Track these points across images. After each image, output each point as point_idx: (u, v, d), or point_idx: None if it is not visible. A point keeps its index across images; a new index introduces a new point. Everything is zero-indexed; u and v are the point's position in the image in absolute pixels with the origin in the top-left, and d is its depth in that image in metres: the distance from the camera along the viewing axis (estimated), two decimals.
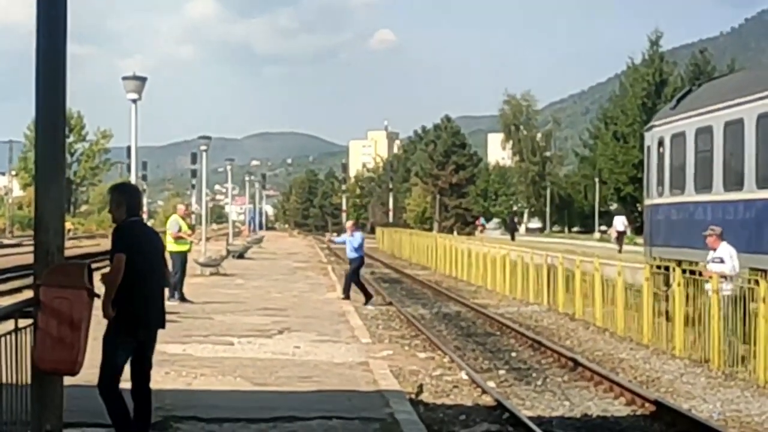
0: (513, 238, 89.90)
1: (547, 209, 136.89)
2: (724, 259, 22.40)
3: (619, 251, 60.21)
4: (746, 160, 24.85)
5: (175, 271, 31.08)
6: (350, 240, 36.69)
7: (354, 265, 35.76)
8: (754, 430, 16.18)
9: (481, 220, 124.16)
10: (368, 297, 35.12)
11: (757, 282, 20.44)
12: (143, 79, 30.17)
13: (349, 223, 39.89)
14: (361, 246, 36.27)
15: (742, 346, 21.34)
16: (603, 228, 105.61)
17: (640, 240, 55.96)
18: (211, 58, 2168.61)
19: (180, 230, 31.70)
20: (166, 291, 28.62)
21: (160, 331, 11.12)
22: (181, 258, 31.41)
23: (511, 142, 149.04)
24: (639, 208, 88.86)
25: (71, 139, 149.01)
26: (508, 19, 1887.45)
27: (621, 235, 71.56)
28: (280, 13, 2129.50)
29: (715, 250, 22.70)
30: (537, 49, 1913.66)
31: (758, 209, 24.14)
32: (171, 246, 31.80)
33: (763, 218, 23.86)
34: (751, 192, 24.59)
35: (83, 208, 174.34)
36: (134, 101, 29.54)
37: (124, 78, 30.04)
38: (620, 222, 74.22)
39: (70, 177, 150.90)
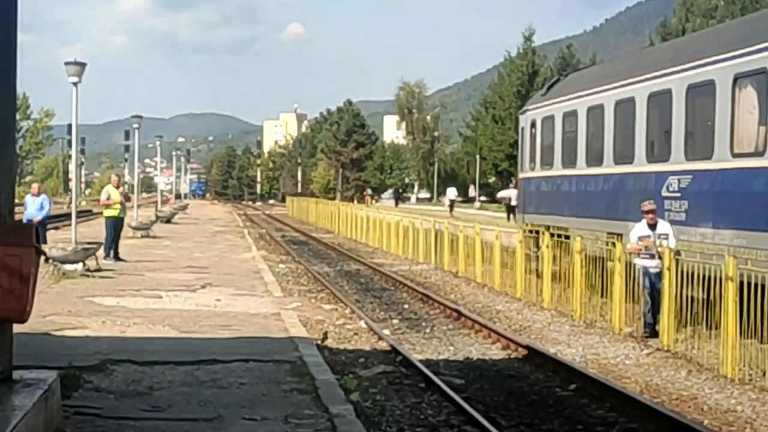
0: (396, 205, 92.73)
1: (435, 181, 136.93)
2: (669, 235, 19.22)
3: (450, 214, 66.45)
4: (605, 139, 25.15)
5: (108, 234, 30.96)
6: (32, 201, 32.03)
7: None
8: (610, 370, 16.45)
9: (368, 191, 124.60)
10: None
11: (614, 244, 20.74)
12: (83, 65, 29.79)
13: (34, 186, 34.33)
14: (43, 209, 31.34)
15: (600, 299, 21.67)
16: (483, 198, 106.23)
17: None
18: (142, 47, 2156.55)
19: (109, 198, 31.60)
20: (102, 251, 28.74)
21: (97, 285, 11.01)
22: (113, 222, 31.17)
23: (404, 123, 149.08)
24: (514, 181, 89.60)
25: (18, 117, 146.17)
26: (402, 16, 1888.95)
27: (452, 202, 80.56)
28: (203, 8, 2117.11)
29: (653, 225, 19.35)
30: (427, 43, 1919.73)
31: (615, 182, 24.46)
32: (104, 212, 31.94)
33: (618, 190, 24.17)
34: (609, 167, 24.91)
35: (28, 178, 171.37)
36: (75, 84, 29.17)
37: (66, 63, 29.65)
38: (452, 192, 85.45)
39: (17, 151, 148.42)
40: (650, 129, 22.70)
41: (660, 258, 18.59)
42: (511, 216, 60.38)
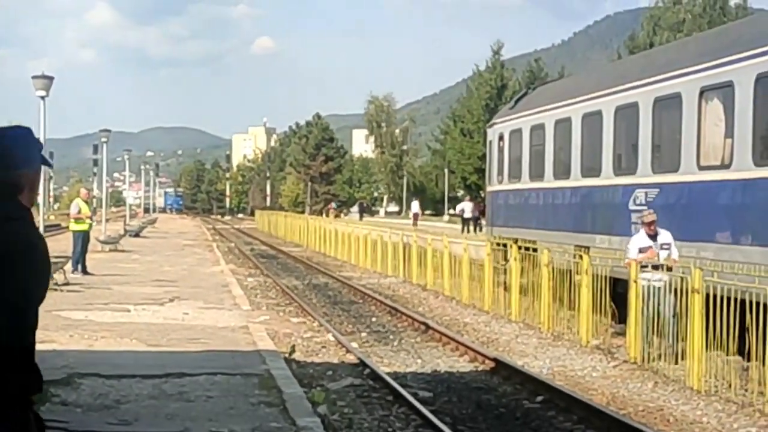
0: (361, 219, 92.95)
1: (404, 195, 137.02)
2: (671, 245, 18.01)
3: (414, 226, 68.23)
4: (573, 153, 25.24)
5: (75, 248, 30.83)
6: None
7: None
8: (578, 382, 16.50)
9: (333, 204, 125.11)
10: None
11: (581, 257, 20.80)
12: (51, 78, 29.79)
13: None
14: None
15: (567, 312, 21.73)
16: (452, 211, 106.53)
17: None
18: (110, 61, 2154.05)
19: (79, 212, 31.46)
20: (69, 265, 28.61)
21: (65, 299, 10.94)
22: (81, 236, 31.05)
23: (373, 137, 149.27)
24: (482, 194, 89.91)
25: None
26: (371, 31, 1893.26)
27: (416, 215, 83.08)
28: (172, 22, 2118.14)
29: (653, 235, 18.05)
30: (396, 57, 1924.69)
31: (582, 195, 24.54)
32: (72, 225, 31.79)
33: (586, 203, 24.26)
34: (576, 180, 24.99)
35: None
36: (43, 98, 29.15)
37: (34, 77, 29.64)
38: (416, 206, 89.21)
39: None
40: (617, 142, 22.79)
41: (667, 269, 17.62)
42: (466, 228, 61.16)
